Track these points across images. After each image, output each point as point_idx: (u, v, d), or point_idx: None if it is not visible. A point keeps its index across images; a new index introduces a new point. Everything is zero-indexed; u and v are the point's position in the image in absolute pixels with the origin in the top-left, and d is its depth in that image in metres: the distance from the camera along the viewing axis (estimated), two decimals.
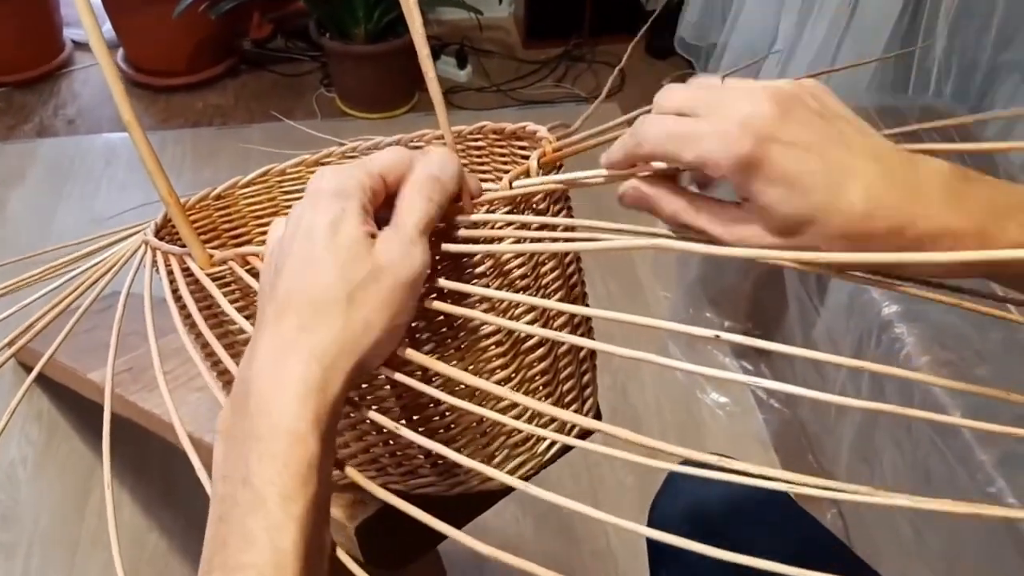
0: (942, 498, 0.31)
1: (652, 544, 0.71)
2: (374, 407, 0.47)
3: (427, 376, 0.45)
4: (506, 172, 0.46)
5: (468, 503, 0.57)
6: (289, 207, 0.62)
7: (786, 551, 0.66)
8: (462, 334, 0.45)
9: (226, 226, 0.61)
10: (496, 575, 1.19)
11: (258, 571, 0.32)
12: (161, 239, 0.52)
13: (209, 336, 0.46)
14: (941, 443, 0.94)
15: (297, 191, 0.63)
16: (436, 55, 2.19)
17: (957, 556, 0.93)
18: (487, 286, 0.44)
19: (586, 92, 2.16)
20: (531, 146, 0.53)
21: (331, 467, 0.36)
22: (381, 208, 0.40)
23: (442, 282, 0.42)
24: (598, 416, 0.60)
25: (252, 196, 0.62)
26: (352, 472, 0.42)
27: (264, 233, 0.63)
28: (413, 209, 0.39)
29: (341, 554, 0.40)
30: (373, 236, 0.38)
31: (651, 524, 0.72)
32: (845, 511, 1.20)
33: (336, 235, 0.37)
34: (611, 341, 0.37)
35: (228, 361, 0.45)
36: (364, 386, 0.47)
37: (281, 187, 0.62)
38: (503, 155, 0.57)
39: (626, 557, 1.20)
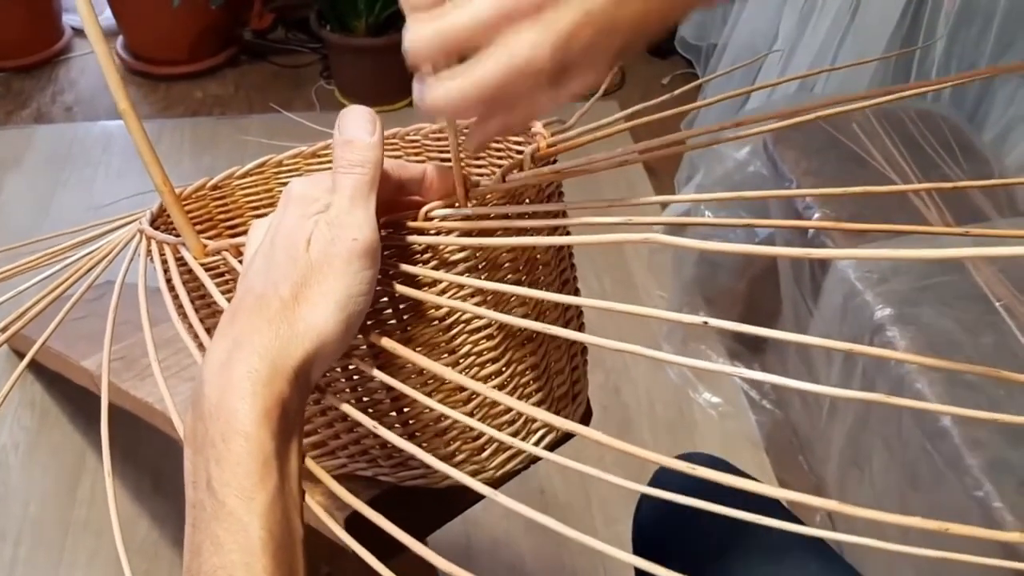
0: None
1: (637, 540, 0.72)
2: (365, 398, 0.48)
3: (418, 369, 0.46)
4: (500, 167, 0.46)
5: (460, 495, 0.57)
6: None
7: (771, 552, 0.67)
8: (453, 329, 0.45)
9: (222, 216, 0.61)
10: (484, 563, 1.19)
11: (227, 572, 0.33)
12: (157, 228, 0.52)
13: (199, 327, 0.46)
14: (930, 447, 0.94)
15: None
16: None
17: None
18: (479, 279, 0.44)
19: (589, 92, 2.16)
20: (526, 141, 0.53)
21: (295, 457, 0.37)
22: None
23: (432, 274, 0.42)
24: (588, 412, 0.60)
25: (248, 187, 0.62)
26: (309, 463, 0.42)
27: None
28: (336, 188, 0.39)
29: (341, 533, 0.40)
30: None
31: (636, 522, 0.72)
32: (832, 513, 1.21)
33: (292, 249, 0.37)
34: (602, 336, 0.37)
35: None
36: (355, 377, 0.47)
37: (278, 178, 0.63)
38: (499, 150, 0.57)
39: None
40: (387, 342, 0.41)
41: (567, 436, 0.54)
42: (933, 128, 1.28)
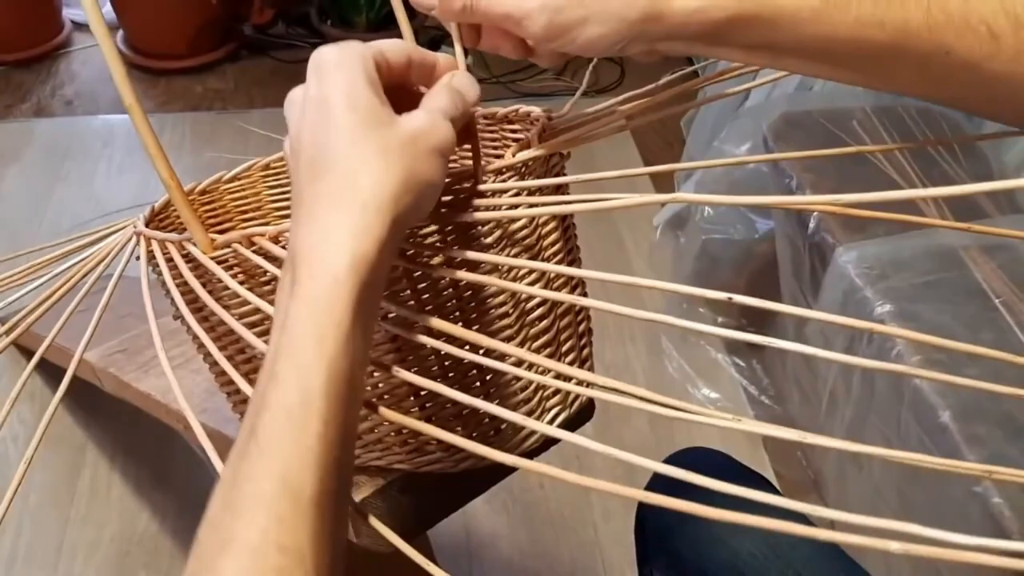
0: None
1: (639, 536, 0.72)
2: (380, 385, 0.48)
3: (435, 351, 0.46)
4: (497, 158, 0.47)
5: (470, 482, 0.57)
6: (274, 202, 0.63)
7: (773, 539, 0.67)
8: (470, 305, 0.46)
9: (211, 222, 0.61)
10: (484, 557, 1.19)
11: (285, 410, 0.32)
12: (158, 226, 0.52)
13: (225, 315, 0.46)
14: (929, 442, 0.94)
15: (281, 186, 0.63)
16: (436, 45, 2.19)
17: None
18: (499, 255, 0.45)
19: (586, 86, 2.17)
20: (523, 128, 0.54)
21: (370, 328, 0.36)
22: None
23: (453, 251, 0.43)
24: (592, 404, 0.60)
25: (236, 192, 0.62)
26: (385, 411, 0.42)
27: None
28: (438, 98, 0.40)
29: (373, 521, 0.41)
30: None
31: (639, 513, 0.73)
32: (831, 502, 1.21)
33: (353, 101, 0.37)
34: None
35: (248, 336, 0.45)
36: (372, 372, 0.47)
37: (265, 182, 0.63)
38: (494, 139, 0.57)
39: (613, 547, 1.21)
40: (448, 326, 0.41)
41: (580, 417, 0.54)
42: (932, 125, 1.28)
